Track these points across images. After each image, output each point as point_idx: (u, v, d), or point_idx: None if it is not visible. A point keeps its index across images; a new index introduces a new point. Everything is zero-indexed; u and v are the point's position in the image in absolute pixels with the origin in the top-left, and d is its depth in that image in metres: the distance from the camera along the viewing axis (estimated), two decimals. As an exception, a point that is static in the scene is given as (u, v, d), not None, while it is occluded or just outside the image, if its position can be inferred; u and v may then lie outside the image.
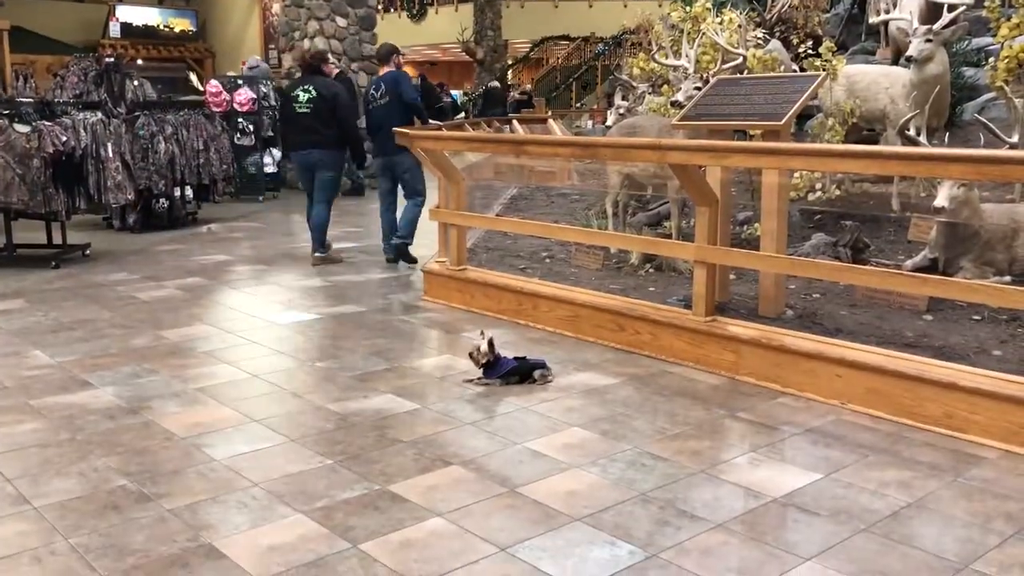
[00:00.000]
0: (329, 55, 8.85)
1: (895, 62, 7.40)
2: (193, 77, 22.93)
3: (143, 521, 2.96)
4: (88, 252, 8.00)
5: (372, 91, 7.75)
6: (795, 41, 7.33)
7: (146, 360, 4.76)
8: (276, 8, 19.33)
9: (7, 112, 7.36)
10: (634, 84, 8.13)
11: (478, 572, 2.65)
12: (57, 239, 7.95)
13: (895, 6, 6.26)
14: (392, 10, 28.86)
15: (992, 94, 7.10)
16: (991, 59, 6.93)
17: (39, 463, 3.44)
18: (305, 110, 7.48)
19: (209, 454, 3.52)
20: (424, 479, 3.29)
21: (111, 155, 7.78)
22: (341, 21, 13.27)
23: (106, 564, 2.68)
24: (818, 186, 6.46)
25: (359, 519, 2.97)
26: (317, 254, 7.56)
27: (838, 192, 6.47)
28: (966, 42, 7.93)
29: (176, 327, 5.50)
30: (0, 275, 7.14)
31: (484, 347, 4.35)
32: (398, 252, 7.48)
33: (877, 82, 6.28)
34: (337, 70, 8.65)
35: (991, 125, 4.84)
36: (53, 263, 7.49)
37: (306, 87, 7.56)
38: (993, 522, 2.96)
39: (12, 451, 3.56)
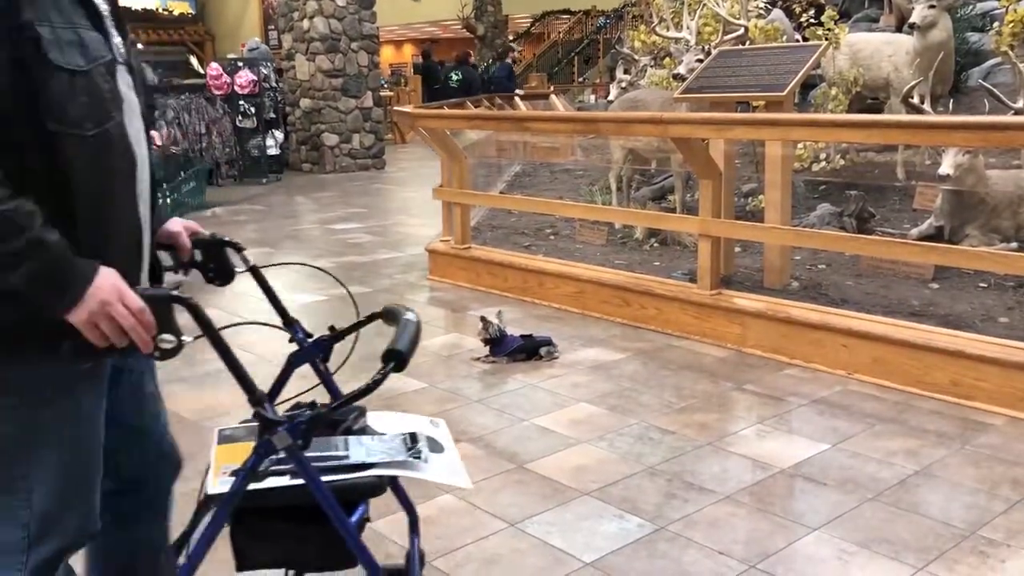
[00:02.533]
0: (471, 52, 15.25)
1: (899, 29, 7.35)
2: (193, 60, 22.88)
3: (156, 504, 2.98)
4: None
5: (454, 75, 13.96)
6: (797, 10, 7.28)
7: (154, 345, 4.78)
8: (274, -12, 19.21)
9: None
10: (636, 57, 8.08)
11: (488, 548, 2.67)
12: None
13: (898, -28, 6.21)
14: (391, -12, 28.65)
15: (997, 59, 7.04)
16: (996, 23, 6.87)
17: (52, 449, 3.47)
18: (455, 85, 13.24)
19: (219, 437, 3.54)
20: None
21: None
22: (340, 0, 13.20)
23: (121, 547, 2.71)
24: (822, 156, 6.44)
25: (369, 498, 3.00)
26: None
27: (843, 162, 6.44)
28: (970, 7, 7.87)
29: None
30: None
31: (493, 319, 4.37)
32: None
33: (880, 50, 6.24)
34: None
35: (996, 91, 4.81)
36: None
37: (456, 71, 13.58)
38: (1000, 488, 2.97)
39: (25, 437, 3.59)
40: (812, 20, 6.65)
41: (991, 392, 3.62)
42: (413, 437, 1.82)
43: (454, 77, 13.65)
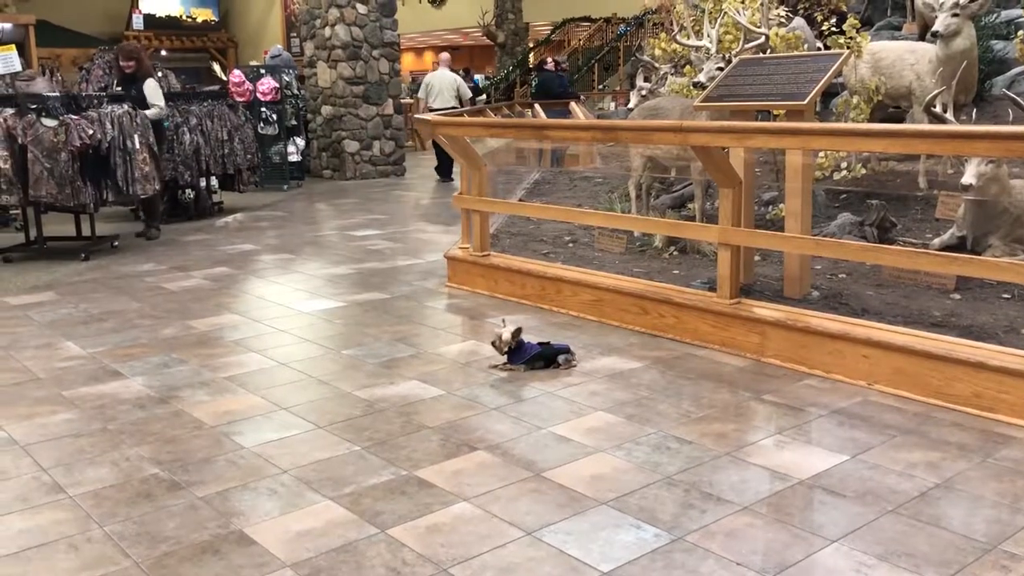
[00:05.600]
0: (548, 58, 16.38)
1: (921, 37, 7.30)
2: (216, 67, 23.08)
3: (175, 509, 3.01)
4: (116, 243, 8.10)
5: (533, 81, 16.03)
6: (819, 18, 7.23)
7: (175, 350, 4.83)
8: (297, -4, 19.34)
9: (35, 106, 7.45)
10: (656, 65, 8.07)
11: (505, 556, 2.67)
12: (86, 231, 8.06)
13: (921, -20, 6.16)
14: (413, -5, 28.74)
15: (1022, 67, 6.99)
16: (1020, 32, 6.82)
17: (73, 452, 3.50)
18: (534, 90, 15.21)
19: (238, 442, 3.57)
20: (450, 464, 3.32)
21: (138, 147, 7.85)
22: (362, 8, 13.28)
23: (140, 551, 2.74)
24: (843, 165, 6.40)
25: (387, 504, 3.01)
26: None
27: (864, 171, 6.40)
28: (994, 15, 7.81)
29: (204, 317, 5.56)
30: (31, 268, 7.26)
31: (506, 335, 4.36)
32: None
33: (902, 58, 6.20)
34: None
35: (1020, 100, 4.76)
36: (83, 255, 7.59)
37: (535, 77, 15.62)
38: (1022, 502, 2.94)
39: (46, 441, 3.63)
40: (834, 28, 6.62)
41: (1014, 404, 3.58)
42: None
43: (534, 82, 15.63)
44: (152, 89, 8.43)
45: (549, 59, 16.59)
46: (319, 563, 2.65)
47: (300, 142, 12.79)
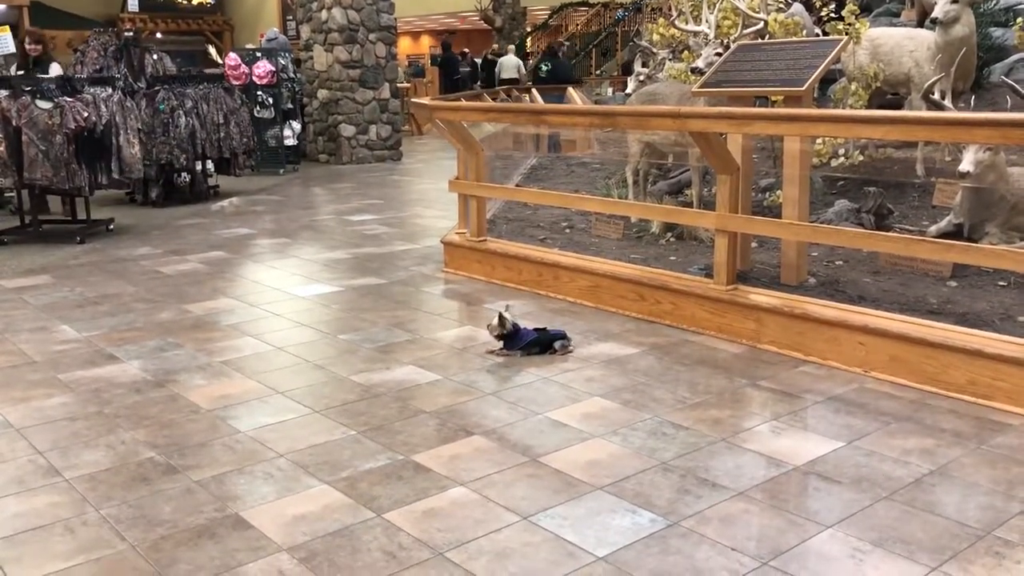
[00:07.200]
0: (554, 45, 16.95)
1: (920, 24, 7.28)
2: (212, 50, 22.93)
3: (171, 492, 3.01)
4: (112, 227, 8.07)
5: (543, 66, 15.48)
6: (817, 4, 7.20)
7: (171, 334, 4.82)
8: (293, -21, 19.21)
9: (29, 88, 7.40)
10: (654, 51, 8.03)
11: (501, 540, 2.68)
12: (81, 214, 8.03)
13: (920, -34, 6.14)
14: (410, -21, 28.54)
15: (1021, 55, 6.98)
16: (1019, 19, 6.80)
17: (68, 436, 3.50)
18: (543, 75, 14.78)
19: (234, 426, 3.57)
20: (447, 449, 3.32)
21: (129, 130, 7.80)
22: (358, -9, 13.21)
23: (136, 534, 2.74)
24: (841, 152, 6.39)
25: (383, 489, 3.01)
26: None
27: (861, 158, 6.39)
28: (993, 2, 7.78)
29: (200, 301, 5.55)
30: (27, 251, 7.24)
31: (494, 321, 4.36)
32: None
33: (901, 45, 6.18)
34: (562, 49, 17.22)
35: (1018, 87, 4.75)
36: (78, 238, 7.57)
37: (546, 62, 15.28)
38: (1016, 489, 2.95)
39: (42, 424, 3.62)
40: (832, 14, 6.60)
41: (1009, 392, 3.59)
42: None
43: (543, 68, 15.15)
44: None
45: (562, 44, 16.91)
46: (315, 547, 2.65)
47: (296, 126, 12.73)
